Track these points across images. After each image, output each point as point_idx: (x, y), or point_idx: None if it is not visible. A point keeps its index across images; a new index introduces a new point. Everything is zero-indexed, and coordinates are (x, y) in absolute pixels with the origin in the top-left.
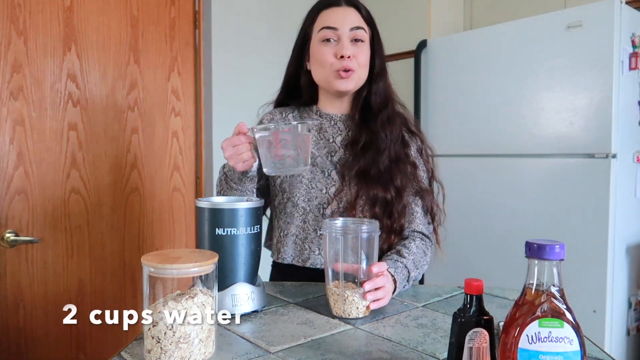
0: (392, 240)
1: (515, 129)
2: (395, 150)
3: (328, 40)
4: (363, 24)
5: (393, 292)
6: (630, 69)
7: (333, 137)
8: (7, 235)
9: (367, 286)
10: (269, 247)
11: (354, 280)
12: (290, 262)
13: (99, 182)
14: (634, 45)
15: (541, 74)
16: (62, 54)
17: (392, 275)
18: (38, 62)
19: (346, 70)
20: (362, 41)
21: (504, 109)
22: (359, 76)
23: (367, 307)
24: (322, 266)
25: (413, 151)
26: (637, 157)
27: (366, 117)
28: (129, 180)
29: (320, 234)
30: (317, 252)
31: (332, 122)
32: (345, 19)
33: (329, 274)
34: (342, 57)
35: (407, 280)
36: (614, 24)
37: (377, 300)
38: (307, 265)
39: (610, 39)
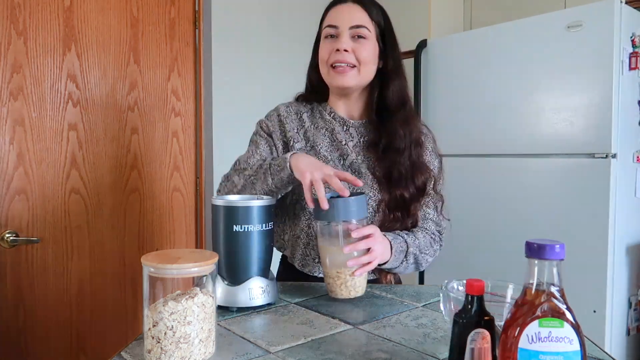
0: None
1: (515, 129)
2: (415, 151)
3: (329, 36)
4: (367, 22)
5: (389, 260)
6: (630, 69)
7: (345, 141)
8: (7, 235)
9: (346, 249)
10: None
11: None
12: (291, 262)
13: (99, 182)
14: (634, 45)
15: (541, 74)
16: (62, 54)
17: (390, 242)
18: (38, 62)
19: (340, 65)
20: (363, 38)
21: (504, 109)
22: (360, 73)
23: (353, 271)
24: (321, 274)
25: (429, 151)
26: (637, 157)
27: (384, 117)
28: (129, 180)
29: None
30: (317, 260)
31: (345, 127)
32: (346, 16)
33: (327, 260)
34: (337, 50)
35: (406, 257)
36: (614, 24)
37: (363, 265)
38: (305, 271)
39: (610, 39)
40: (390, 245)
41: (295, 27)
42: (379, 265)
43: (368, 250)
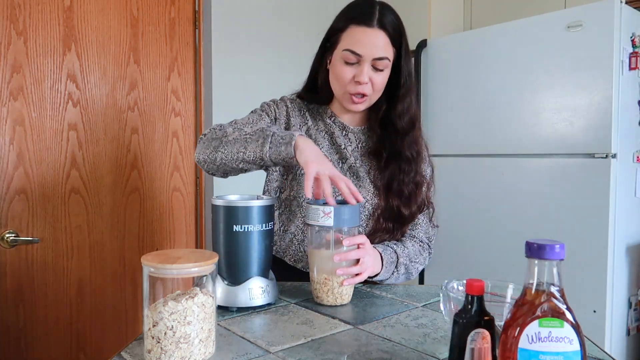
0: None
1: (515, 129)
2: (420, 174)
3: (349, 62)
4: (388, 50)
5: (380, 273)
6: (630, 69)
7: (344, 145)
8: (7, 235)
9: (336, 258)
10: None
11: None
12: (281, 257)
13: (99, 182)
14: (634, 45)
15: (541, 74)
16: (62, 54)
17: (380, 253)
18: (38, 62)
19: (359, 95)
20: (382, 70)
21: (504, 109)
22: (372, 98)
23: (342, 282)
24: None
25: (429, 172)
26: (637, 157)
27: (388, 131)
28: (129, 180)
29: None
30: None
31: (344, 132)
32: (371, 46)
33: (315, 265)
34: (358, 81)
35: (397, 267)
36: (614, 24)
37: (354, 276)
38: (299, 267)
39: (610, 39)
40: (381, 257)
41: (296, 27)
42: (370, 277)
43: (358, 261)
